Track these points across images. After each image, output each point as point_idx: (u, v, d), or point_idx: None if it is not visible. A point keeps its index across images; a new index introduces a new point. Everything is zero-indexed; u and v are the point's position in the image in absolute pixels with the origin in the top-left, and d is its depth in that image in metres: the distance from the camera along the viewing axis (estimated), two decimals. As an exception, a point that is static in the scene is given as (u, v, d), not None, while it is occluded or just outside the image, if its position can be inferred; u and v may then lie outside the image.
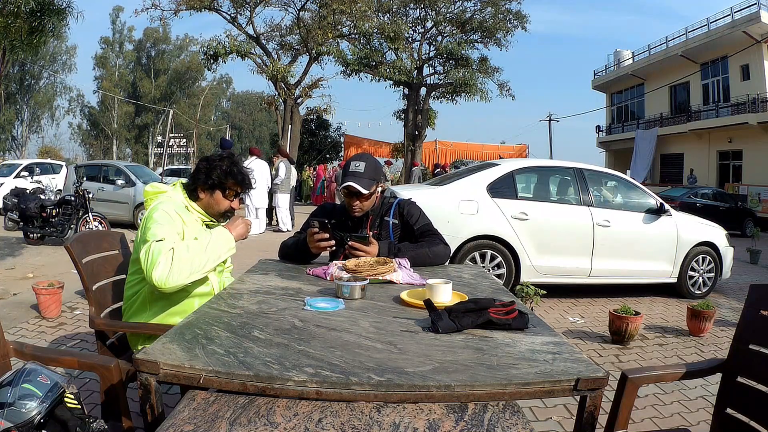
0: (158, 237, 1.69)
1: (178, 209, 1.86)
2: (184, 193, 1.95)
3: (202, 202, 1.94)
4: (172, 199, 1.91)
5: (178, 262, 1.64)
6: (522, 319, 1.34)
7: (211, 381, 1.02)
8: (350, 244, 2.08)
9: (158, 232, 1.71)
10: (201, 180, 1.91)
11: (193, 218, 1.91)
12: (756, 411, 1.43)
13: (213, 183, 1.91)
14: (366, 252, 2.06)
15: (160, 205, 1.84)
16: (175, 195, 1.93)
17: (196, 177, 1.93)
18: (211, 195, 1.93)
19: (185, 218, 1.86)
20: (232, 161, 1.95)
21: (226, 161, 1.93)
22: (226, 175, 1.91)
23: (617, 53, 26.52)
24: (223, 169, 1.91)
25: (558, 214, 5.03)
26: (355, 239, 2.08)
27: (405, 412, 0.95)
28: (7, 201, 7.87)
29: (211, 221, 1.97)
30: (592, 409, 1.11)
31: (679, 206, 8.86)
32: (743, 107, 18.17)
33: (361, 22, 16.13)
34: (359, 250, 2.06)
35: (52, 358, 1.55)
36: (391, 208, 2.28)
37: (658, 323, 4.45)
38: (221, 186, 1.92)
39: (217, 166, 1.91)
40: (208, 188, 1.92)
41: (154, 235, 1.70)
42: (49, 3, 5.58)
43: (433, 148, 21.31)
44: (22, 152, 35.07)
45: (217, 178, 1.90)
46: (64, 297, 4.08)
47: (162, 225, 1.74)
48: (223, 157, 1.95)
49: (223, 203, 1.95)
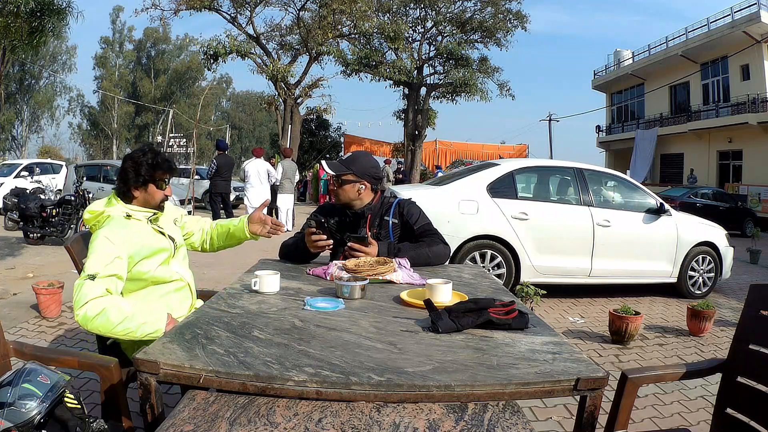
0: (89, 272, 1.67)
1: (118, 225, 1.84)
2: (119, 201, 1.93)
3: (138, 200, 1.94)
4: (110, 217, 1.89)
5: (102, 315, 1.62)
6: (522, 319, 1.34)
7: (211, 381, 1.02)
8: (349, 245, 2.08)
9: (90, 267, 1.69)
10: (132, 180, 1.91)
11: (137, 222, 1.90)
12: (756, 411, 1.43)
13: (144, 179, 1.91)
14: (365, 252, 2.06)
15: (100, 230, 1.82)
16: (113, 209, 1.91)
17: (125, 179, 1.92)
18: (145, 191, 1.93)
19: (130, 229, 1.85)
20: (153, 151, 1.96)
21: (148, 154, 1.93)
22: (153, 167, 1.92)
23: (617, 53, 26.53)
24: (149, 162, 1.91)
25: (558, 214, 5.03)
26: (354, 240, 2.08)
27: (405, 412, 0.95)
28: (7, 201, 7.87)
29: (154, 215, 1.97)
30: (592, 409, 1.11)
31: (679, 206, 8.86)
32: (743, 107, 18.18)
33: (361, 22, 16.13)
34: (358, 250, 2.06)
35: (52, 358, 1.55)
36: (390, 208, 2.29)
37: (658, 323, 4.45)
38: (152, 179, 1.92)
39: (142, 162, 1.91)
40: (141, 185, 1.92)
41: (87, 269, 1.69)
42: (49, 3, 5.58)
43: (433, 148, 21.30)
44: (22, 152, 35.09)
45: (146, 173, 1.91)
46: (64, 297, 4.08)
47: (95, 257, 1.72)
48: (144, 150, 1.96)
49: (158, 194, 1.95)
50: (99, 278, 1.66)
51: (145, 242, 1.87)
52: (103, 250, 1.74)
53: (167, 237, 1.98)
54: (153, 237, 1.92)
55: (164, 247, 1.94)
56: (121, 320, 1.63)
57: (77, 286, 1.66)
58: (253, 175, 9.00)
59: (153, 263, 1.88)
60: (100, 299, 1.63)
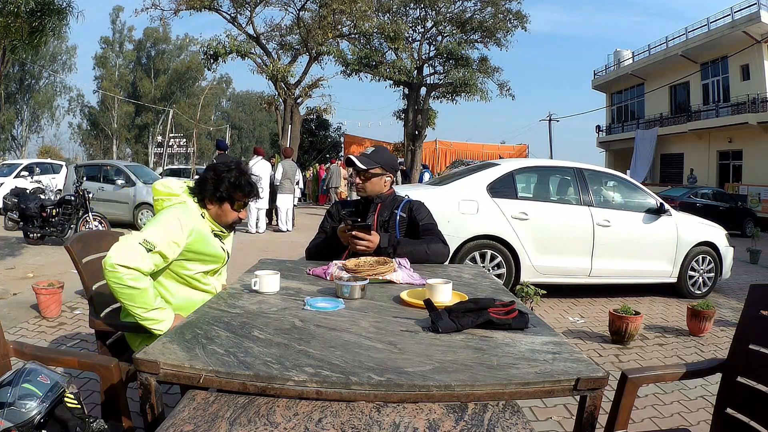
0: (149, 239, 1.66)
1: (192, 215, 1.83)
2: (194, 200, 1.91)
3: (210, 212, 1.90)
4: (188, 206, 1.87)
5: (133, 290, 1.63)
6: (522, 319, 1.34)
7: (211, 381, 1.02)
8: (353, 234, 2.09)
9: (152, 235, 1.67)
10: (209, 192, 1.86)
11: (206, 226, 1.88)
12: (756, 411, 1.43)
13: (221, 195, 1.86)
14: (367, 240, 2.08)
15: (175, 209, 1.80)
16: (191, 202, 1.89)
17: (203, 187, 1.87)
18: (219, 207, 1.88)
19: (199, 227, 1.83)
20: (240, 171, 1.89)
21: (234, 172, 1.87)
22: (235, 188, 1.86)
23: (617, 53, 26.52)
24: (231, 181, 1.85)
25: (558, 214, 5.03)
26: (358, 227, 2.09)
27: (405, 411, 0.95)
28: (7, 201, 7.87)
29: (221, 231, 1.93)
30: (592, 409, 1.11)
31: (679, 206, 8.86)
32: (743, 107, 18.18)
33: (361, 22, 16.13)
34: (361, 238, 2.08)
35: (52, 358, 1.55)
36: (401, 203, 2.36)
37: (658, 323, 4.45)
38: (230, 198, 1.87)
39: (224, 178, 1.85)
40: (216, 200, 1.87)
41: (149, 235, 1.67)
42: (49, 3, 5.58)
43: (433, 148, 21.29)
44: (22, 152, 35.08)
45: (225, 191, 1.85)
46: (64, 297, 4.08)
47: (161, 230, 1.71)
48: (230, 167, 1.89)
49: (231, 215, 1.90)
50: (153, 253, 1.66)
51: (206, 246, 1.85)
52: (171, 228, 1.73)
53: (225, 253, 1.96)
54: (216, 247, 1.90)
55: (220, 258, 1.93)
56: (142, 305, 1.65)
57: (130, 241, 1.65)
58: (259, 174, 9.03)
59: (200, 268, 1.87)
60: (146, 278, 1.66)
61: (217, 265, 1.94)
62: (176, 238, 1.73)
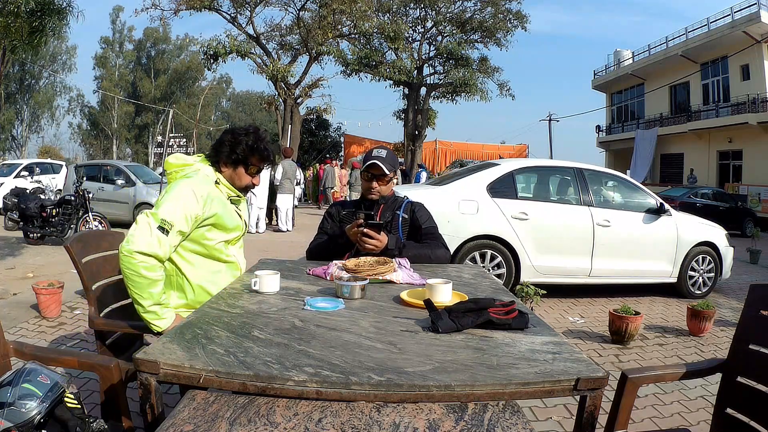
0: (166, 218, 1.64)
1: (206, 182, 1.81)
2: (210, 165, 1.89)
3: (225, 175, 1.88)
4: (202, 172, 1.84)
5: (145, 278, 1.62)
6: (522, 319, 1.34)
7: (211, 381, 1.02)
8: (364, 231, 2.08)
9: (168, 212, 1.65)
10: (225, 154, 1.85)
11: (220, 193, 1.87)
12: (756, 411, 1.43)
13: (237, 158, 1.85)
14: (376, 239, 2.08)
15: (187, 179, 1.77)
16: (204, 168, 1.87)
17: (219, 150, 1.86)
18: (234, 170, 1.87)
19: (213, 195, 1.81)
20: (258, 136, 1.88)
21: (251, 136, 1.86)
22: (252, 150, 1.85)
23: (617, 53, 26.53)
24: (249, 144, 1.84)
25: (558, 214, 5.03)
26: (370, 226, 2.08)
27: (405, 411, 0.95)
28: (7, 201, 7.87)
29: (237, 196, 1.92)
30: (592, 409, 1.11)
31: (679, 206, 8.86)
32: (743, 107, 18.18)
33: (361, 22, 16.14)
34: (371, 237, 2.08)
35: (52, 358, 1.55)
36: (403, 204, 2.38)
37: (658, 323, 4.45)
38: (245, 161, 1.86)
39: (242, 140, 1.84)
40: (231, 163, 1.86)
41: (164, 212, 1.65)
42: (49, 3, 5.58)
43: (433, 148, 21.30)
44: (22, 152, 35.08)
45: (242, 153, 1.84)
46: (64, 297, 4.08)
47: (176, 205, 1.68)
48: (248, 131, 1.88)
49: (245, 179, 1.89)
50: (171, 234, 1.65)
51: (224, 213, 1.83)
52: (186, 201, 1.70)
53: (242, 221, 1.96)
54: (232, 214, 1.88)
55: (238, 226, 1.91)
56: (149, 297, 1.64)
57: (147, 225, 1.63)
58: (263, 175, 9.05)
59: (220, 236, 1.84)
60: (160, 268, 1.64)
61: (237, 233, 1.91)
62: (192, 210, 1.71)
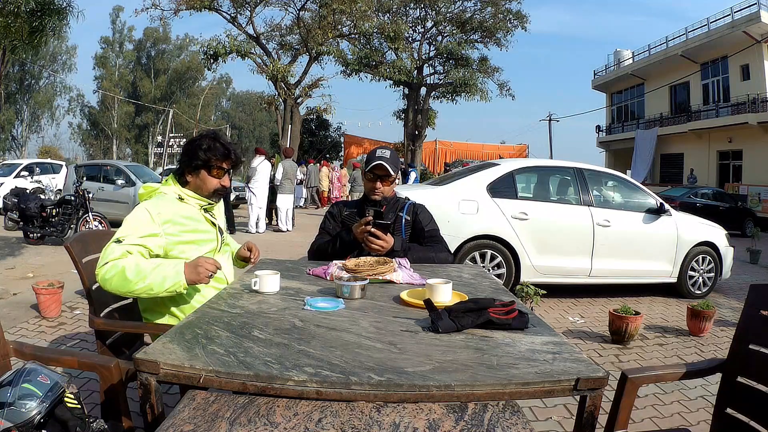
0: (119, 236, 1.68)
1: (169, 203, 1.81)
2: (175, 183, 1.90)
3: (191, 185, 1.88)
4: (163, 194, 1.86)
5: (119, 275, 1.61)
6: (522, 319, 1.34)
7: (211, 381, 1.02)
8: (372, 231, 2.07)
9: (121, 231, 1.69)
10: (185, 162, 1.86)
11: (189, 207, 1.86)
12: (756, 411, 1.43)
13: (197, 164, 1.84)
14: (383, 240, 2.08)
15: (146, 202, 1.79)
16: (167, 188, 1.88)
17: (181, 161, 1.88)
18: (197, 176, 1.87)
19: (180, 211, 1.81)
20: (214, 136, 1.88)
21: (206, 139, 1.86)
22: (208, 151, 1.84)
23: (617, 53, 26.54)
24: (203, 147, 1.84)
25: (558, 213, 5.03)
26: (378, 226, 2.07)
27: (405, 411, 0.95)
28: (7, 201, 7.87)
29: (208, 204, 1.91)
30: (592, 409, 1.11)
31: (679, 206, 8.86)
32: (743, 107, 18.19)
33: (361, 22, 16.15)
34: (378, 237, 2.08)
35: (52, 358, 1.54)
36: (405, 206, 2.38)
37: (658, 323, 4.45)
38: (206, 165, 1.85)
39: (197, 145, 1.84)
40: (193, 170, 1.86)
41: (118, 232, 1.70)
42: (49, 3, 5.58)
43: (433, 148, 21.31)
44: (22, 152, 35.08)
45: (200, 157, 1.84)
46: (64, 297, 4.08)
47: (130, 225, 1.72)
48: (204, 135, 1.88)
49: (211, 182, 1.88)
50: (125, 243, 1.66)
51: (192, 225, 1.82)
52: (139, 220, 1.72)
53: (216, 229, 1.94)
54: (201, 224, 1.87)
55: (210, 239, 1.89)
56: (139, 278, 1.61)
57: (104, 248, 1.67)
58: (262, 174, 9.08)
59: (197, 250, 1.83)
60: (119, 260, 1.63)
61: (212, 243, 1.90)
62: (148, 227, 1.72)
